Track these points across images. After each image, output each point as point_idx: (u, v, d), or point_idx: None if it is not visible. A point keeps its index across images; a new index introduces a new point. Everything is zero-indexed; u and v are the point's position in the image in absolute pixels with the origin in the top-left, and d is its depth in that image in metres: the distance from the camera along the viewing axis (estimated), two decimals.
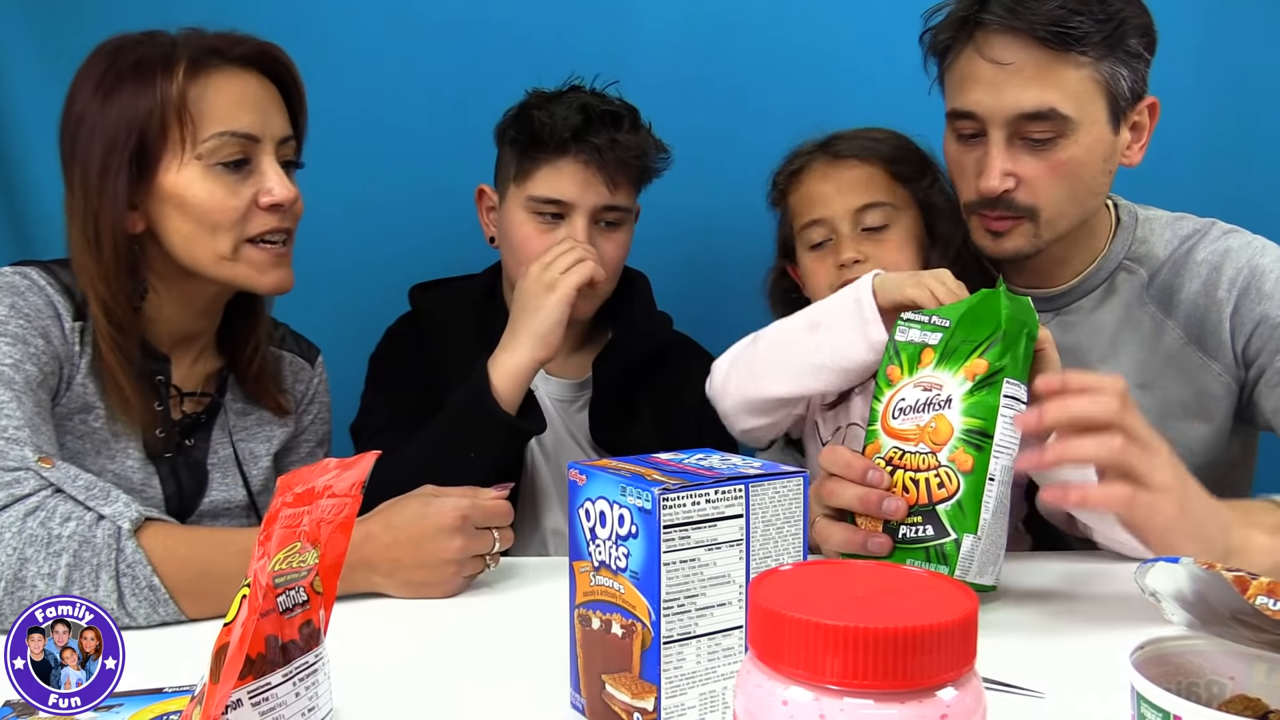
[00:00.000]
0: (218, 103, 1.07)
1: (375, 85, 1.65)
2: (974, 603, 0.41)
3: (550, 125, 1.30)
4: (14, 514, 0.89)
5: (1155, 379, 1.21)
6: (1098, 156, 1.13)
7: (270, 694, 0.59)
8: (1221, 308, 1.17)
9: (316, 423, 1.32)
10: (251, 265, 1.11)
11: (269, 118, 1.11)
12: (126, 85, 1.05)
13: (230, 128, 1.07)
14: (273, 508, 0.58)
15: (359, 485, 0.65)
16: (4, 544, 0.87)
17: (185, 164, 1.06)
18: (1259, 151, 1.62)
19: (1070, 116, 1.10)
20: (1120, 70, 1.10)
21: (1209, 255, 1.19)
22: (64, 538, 0.88)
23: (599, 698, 0.68)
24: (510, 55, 1.60)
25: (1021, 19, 1.08)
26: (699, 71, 1.66)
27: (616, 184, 1.32)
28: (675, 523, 0.63)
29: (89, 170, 1.05)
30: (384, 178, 1.67)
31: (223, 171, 1.07)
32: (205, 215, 1.07)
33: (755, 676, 0.42)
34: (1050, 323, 1.24)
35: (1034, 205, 1.14)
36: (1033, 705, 0.72)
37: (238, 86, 1.09)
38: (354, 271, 1.67)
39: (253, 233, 1.10)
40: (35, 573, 0.87)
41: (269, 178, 1.10)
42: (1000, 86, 1.10)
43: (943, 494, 0.87)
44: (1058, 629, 0.89)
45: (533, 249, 1.33)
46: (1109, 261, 1.23)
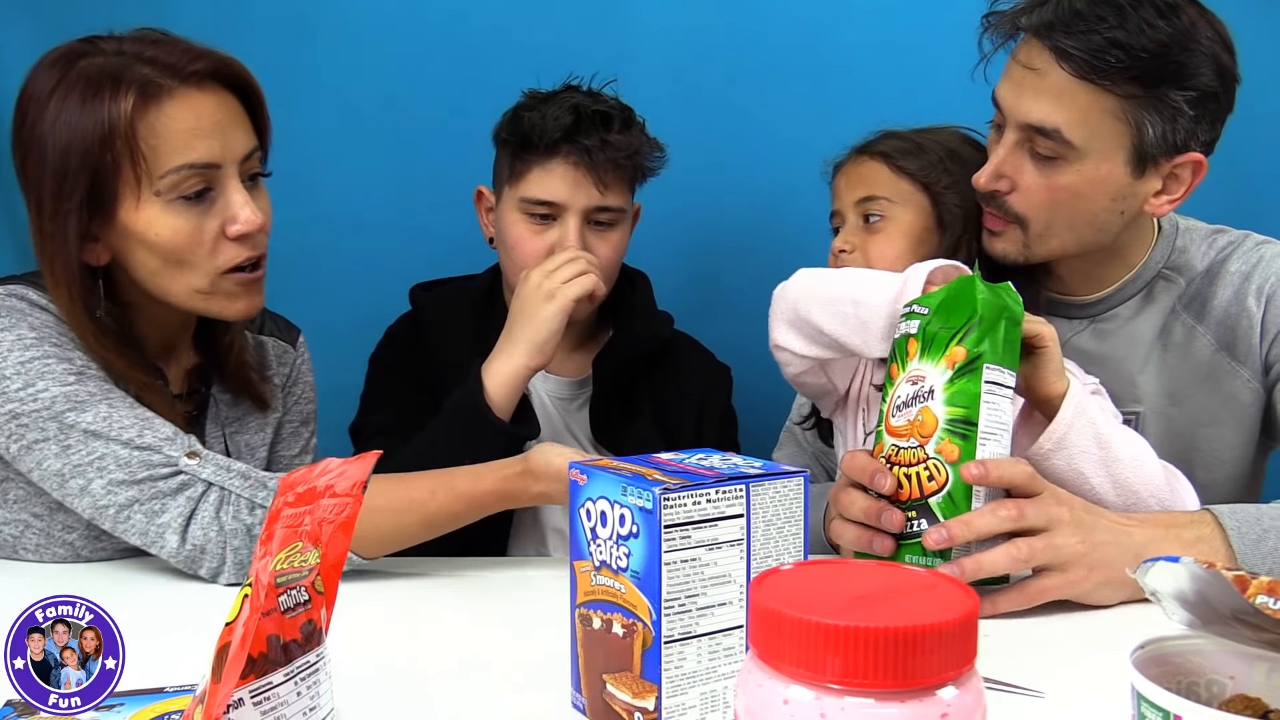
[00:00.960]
0: (172, 133, 1.00)
1: (378, 85, 1.65)
2: (974, 602, 0.41)
3: (540, 126, 1.30)
4: (206, 509, 1.01)
5: (1187, 387, 1.20)
6: (1102, 193, 1.10)
7: (272, 693, 0.59)
8: (1252, 314, 1.17)
9: (301, 402, 1.32)
10: (226, 296, 1.08)
11: (229, 139, 1.04)
12: (73, 106, 0.99)
13: (188, 160, 1.01)
14: (274, 507, 0.58)
15: (360, 485, 0.65)
16: (210, 538, 1.00)
17: (144, 200, 1.01)
18: (1259, 151, 1.62)
19: (1076, 144, 1.07)
20: (1151, 117, 1.06)
21: (1241, 265, 1.18)
22: (254, 526, 1.00)
23: (600, 697, 0.68)
24: (514, 56, 1.60)
25: (1052, 36, 1.05)
26: (699, 72, 1.66)
27: (607, 184, 1.32)
28: (676, 522, 0.63)
29: (43, 200, 1.01)
30: (386, 177, 1.67)
31: (184, 206, 1.02)
32: (172, 253, 1.03)
33: (756, 676, 0.42)
34: (1085, 330, 1.23)
35: (1023, 215, 1.13)
36: (1033, 705, 0.72)
37: (192, 112, 1.01)
38: (355, 271, 1.67)
39: (224, 265, 1.06)
40: (248, 554, 0.99)
41: (233, 205, 1.04)
42: (1020, 90, 1.09)
43: (933, 486, 0.87)
44: (1058, 629, 0.89)
45: (526, 250, 1.33)
46: (1148, 270, 1.21)
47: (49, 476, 1.02)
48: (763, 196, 1.37)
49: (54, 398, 1.00)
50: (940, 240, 1.22)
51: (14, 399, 1.00)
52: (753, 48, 1.66)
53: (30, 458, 1.02)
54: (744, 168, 1.49)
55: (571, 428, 1.42)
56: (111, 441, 1.00)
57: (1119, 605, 0.92)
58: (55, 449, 1.00)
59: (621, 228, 1.37)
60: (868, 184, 1.23)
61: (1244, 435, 1.20)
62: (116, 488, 1.00)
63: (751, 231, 1.62)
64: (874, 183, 1.23)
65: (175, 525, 1.00)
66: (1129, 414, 1.21)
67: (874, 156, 1.24)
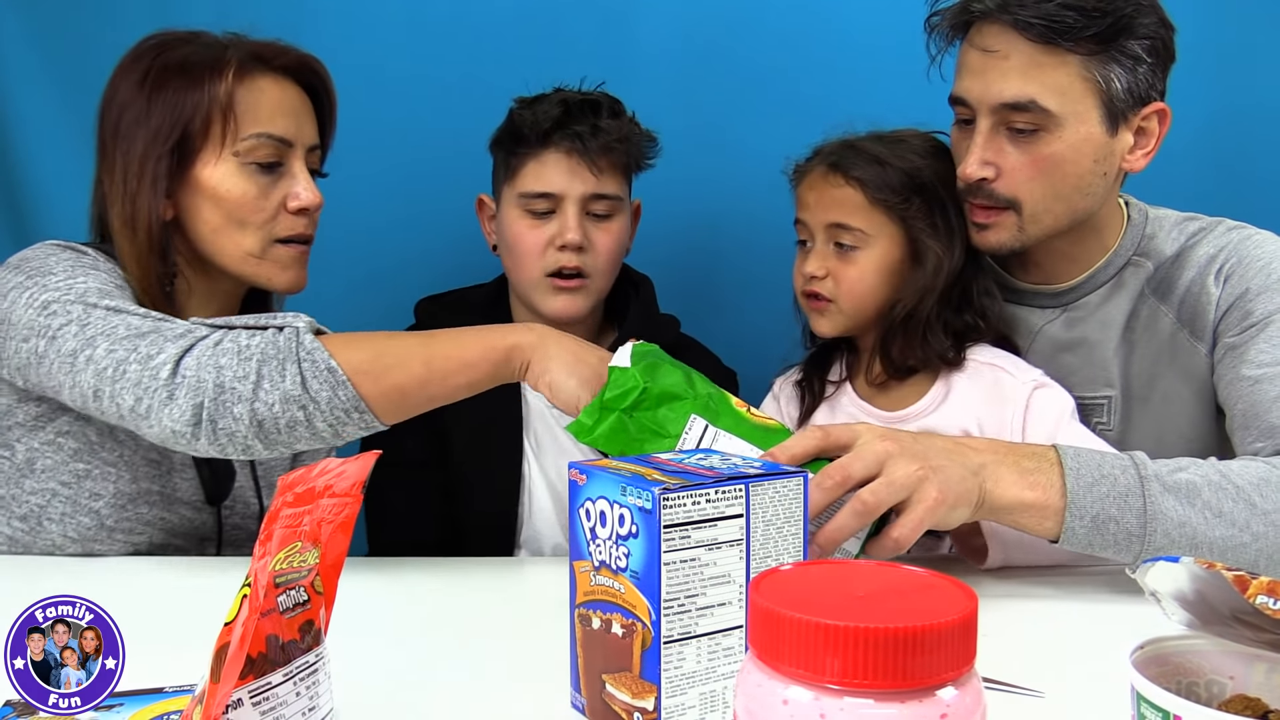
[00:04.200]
0: (260, 106, 1.13)
1: (380, 88, 1.64)
2: (974, 602, 0.41)
3: (531, 120, 1.32)
4: (205, 344, 0.98)
5: (1153, 368, 1.22)
6: (1085, 155, 1.13)
7: (271, 694, 0.59)
8: (1211, 293, 1.18)
9: None
10: (276, 263, 1.16)
11: (302, 125, 1.17)
12: (173, 81, 1.10)
13: (268, 130, 1.13)
14: (273, 507, 0.58)
15: (359, 485, 0.65)
16: (202, 364, 0.96)
17: (223, 159, 1.11)
18: (1260, 151, 1.62)
19: (1053, 111, 1.10)
20: (1116, 70, 1.10)
21: (1209, 249, 1.20)
22: (251, 346, 0.97)
23: (599, 697, 0.68)
24: (516, 62, 1.59)
25: (1010, 10, 1.09)
26: (700, 71, 1.66)
27: (601, 169, 1.32)
28: (675, 522, 0.63)
29: (130, 157, 1.10)
30: (393, 184, 1.66)
31: (256, 171, 1.13)
32: (235, 209, 1.13)
33: (755, 676, 0.42)
34: (1058, 319, 1.24)
35: (1015, 197, 1.14)
36: (1033, 705, 0.72)
37: (278, 93, 1.15)
38: (362, 274, 1.66)
39: (280, 234, 1.15)
40: (232, 377, 0.96)
41: (298, 182, 1.15)
42: (986, 75, 1.11)
43: None
44: (1058, 629, 0.89)
45: (526, 244, 1.34)
46: (1118, 257, 1.23)
47: (63, 362, 1.00)
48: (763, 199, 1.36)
49: (88, 289, 1.04)
50: (914, 275, 1.19)
51: (51, 289, 1.03)
52: (753, 48, 1.65)
53: (52, 350, 1.00)
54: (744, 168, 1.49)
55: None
56: (130, 315, 1.02)
57: (1119, 605, 0.92)
58: (74, 329, 1.01)
59: (620, 218, 1.37)
60: (843, 210, 1.19)
61: (1205, 412, 1.21)
62: (119, 344, 0.99)
63: (751, 233, 1.61)
64: (849, 210, 1.18)
65: (169, 360, 0.97)
66: (1100, 399, 1.23)
67: (850, 181, 1.19)
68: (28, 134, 1.60)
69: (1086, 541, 0.93)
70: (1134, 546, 0.93)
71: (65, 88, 1.56)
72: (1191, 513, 0.93)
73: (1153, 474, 0.94)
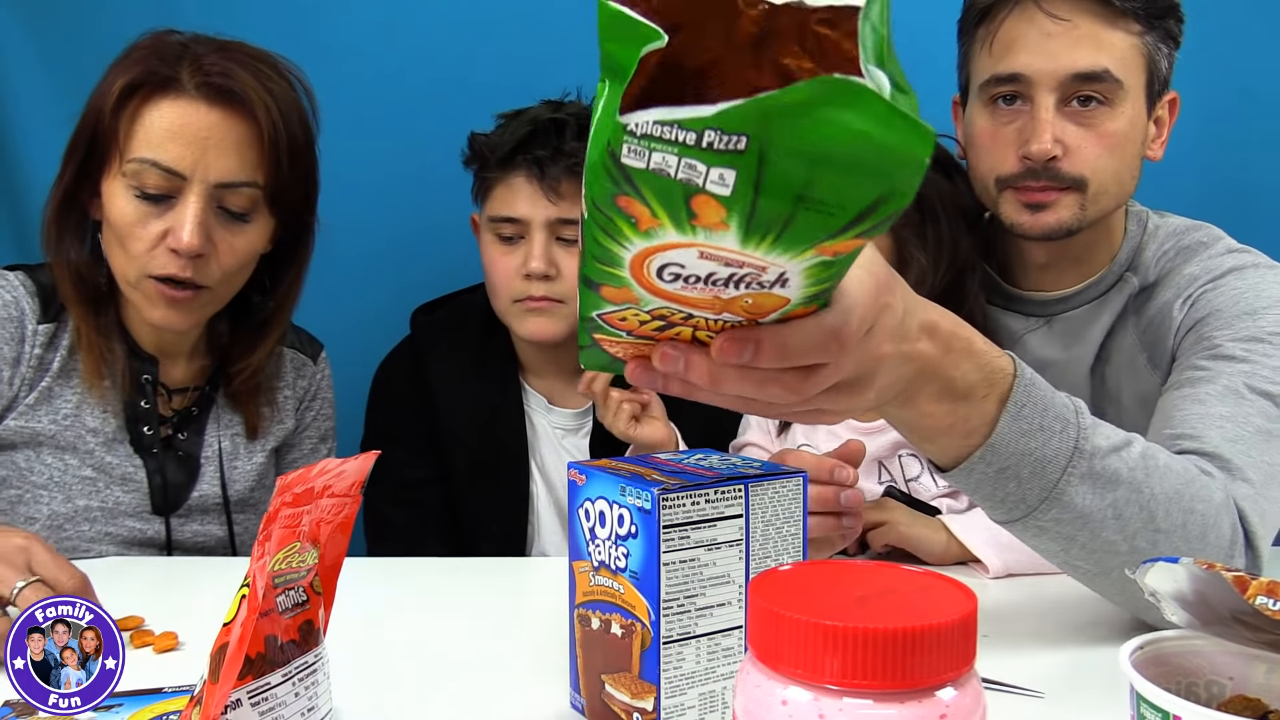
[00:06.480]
0: (152, 128, 1.04)
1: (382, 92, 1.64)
2: (973, 603, 0.41)
3: (496, 142, 1.31)
4: None
5: (1119, 386, 1.17)
6: (1139, 136, 1.11)
7: (269, 694, 0.59)
8: (1174, 320, 1.11)
9: (319, 419, 1.32)
10: (145, 297, 1.09)
11: (210, 158, 1.05)
12: (110, 76, 1.07)
13: (154, 157, 1.04)
14: (272, 507, 0.58)
15: (359, 485, 0.65)
16: None
17: (114, 176, 1.06)
18: (1260, 151, 1.62)
19: (1123, 82, 1.08)
20: (1160, 50, 1.09)
21: (1193, 270, 1.12)
22: None
23: (599, 698, 0.68)
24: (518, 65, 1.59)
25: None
26: None
27: (561, 194, 1.29)
28: (675, 523, 0.63)
29: (72, 140, 1.09)
30: (395, 186, 1.66)
31: (139, 198, 1.05)
32: (118, 233, 1.07)
33: (754, 676, 0.42)
34: (1040, 329, 1.21)
35: (1082, 175, 1.10)
36: (1033, 705, 0.72)
37: (179, 118, 1.04)
38: (362, 274, 1.66)
39: (153, 270, 1.07)
40: None
41: (182, 219, 1.05)
42: (1054, 46, 1.08)
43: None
44: (1058, 629, 0.89)
45: (498, 271, 1.33)
46: (1111, 274, 1.18)
47: None
48: None
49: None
50: (922, 245, 1.18)
51: None
52: None
53: None
54: None
55: (574, 457, 1.42)
56: None
57: (1119, 605, 0.92)
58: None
59: None
60: None
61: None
62: None
63: None
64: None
65: None
66: None
67: None
68: (28, 134, 1.60)
69: (973, 486, 0.75)
70: (1015, 511, 0.76)
71: (65, 87, 1.55)
72: (1096, 507, 0.76)
73: (1089, 450, 0.76)
